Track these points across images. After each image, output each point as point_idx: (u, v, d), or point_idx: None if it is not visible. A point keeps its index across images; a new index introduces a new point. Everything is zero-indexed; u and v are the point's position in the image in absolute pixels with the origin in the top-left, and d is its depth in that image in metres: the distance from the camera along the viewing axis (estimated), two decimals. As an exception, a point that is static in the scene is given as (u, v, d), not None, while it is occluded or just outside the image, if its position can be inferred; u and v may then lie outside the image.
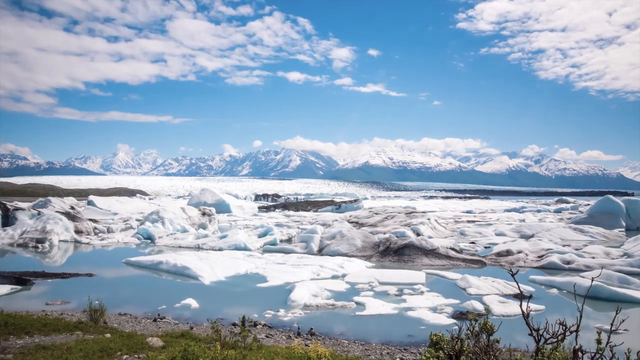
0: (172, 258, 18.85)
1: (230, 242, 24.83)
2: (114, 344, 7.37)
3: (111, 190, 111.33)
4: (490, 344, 3.58)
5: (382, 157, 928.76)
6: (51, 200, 35.10)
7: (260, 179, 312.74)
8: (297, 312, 12.27)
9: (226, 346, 6.82)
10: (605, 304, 13.36)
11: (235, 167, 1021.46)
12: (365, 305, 12.94)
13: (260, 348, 7.45)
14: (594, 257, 21.06)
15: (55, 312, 11.51)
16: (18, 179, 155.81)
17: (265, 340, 9.48)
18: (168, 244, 26.57)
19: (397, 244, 22.02)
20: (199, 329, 10.42)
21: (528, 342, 4.44)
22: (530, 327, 3.51)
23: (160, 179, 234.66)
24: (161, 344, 7.77)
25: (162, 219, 31.07)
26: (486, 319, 3.77)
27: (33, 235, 25.98)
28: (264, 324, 11.12)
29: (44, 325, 8.51)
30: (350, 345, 9.68)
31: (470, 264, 20.29)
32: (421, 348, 9.54)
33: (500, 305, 12.77)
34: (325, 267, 18.36)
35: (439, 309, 12.66)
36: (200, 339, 8.43)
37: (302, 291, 13.78)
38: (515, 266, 19.90)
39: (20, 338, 7.68)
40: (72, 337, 7.98)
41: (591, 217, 36.77)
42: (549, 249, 22.38)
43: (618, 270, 17.24)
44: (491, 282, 15.70)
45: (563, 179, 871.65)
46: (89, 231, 29.83)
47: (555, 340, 3.46)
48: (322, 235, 25.07)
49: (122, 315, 11.55)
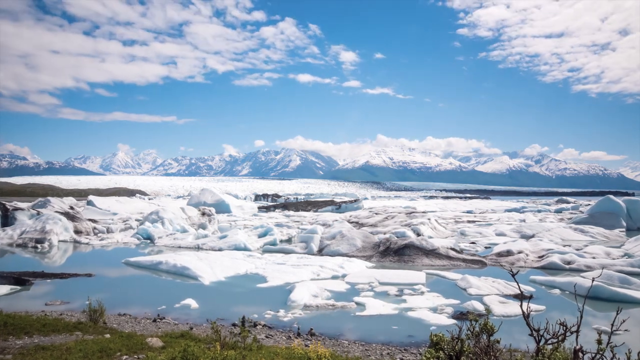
0: (172, 258, 18.83)
1: (230, 242, 24.81)
2: (113, 344, 7.35)
3: (111, 191, 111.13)
4: (491, 345, 3.57)
5: (382, 157, 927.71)
6: (50, 201, 35.09)
7: (260, 179, 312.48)
8: (297, 313, 12.25)
9: (226, 346, 6.80)
10: (606, 304, 13.35)
11: (235, 167, 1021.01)
12: (365, 305, 12.92)
13: (260, 348, 7.42)
14: (594, 257, 21.03)
15: (55, 312, 11.51)
16: (17, 179, 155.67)
17: (265, 341, 9.46)
18: (168, 244, 26.56)
19: (398, 244, 22.00)
20: (198, 329, 10.40)
21: (528, 342, 4.43)
22: (531, 328, 3.50)
23: (159, 179, 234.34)
24: (161, 345, 7.75)
25: (161, 219, 31.04)
26: (486, 319, 3.76)
27: (32, 236, 25.97)
28: (264, 325, 11.11)
29: (44, 325, 8.49)
30: (350, 346, 9.67)
31: (470, 264, 20.26)
32: (421, 348, 9.53)
33: (500, 306, 12.76)
34: (325, 267, 18.34)
35: (440, 309, 12.65)
36: (200, 339, 8.41)
37: (302, 291, 13.76)
38: (516, 266, 19.87)
39: (20, 338, 7.66)
40: (72, 337, 7.96)
41: (592, 217, 36.74)
42: (550, 249, 22.34)
43: (619, 271, 17.21)
44: (491, 282, 15.67)
45: (564, 179, 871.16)
46: (88, 231, 29.80)
47: (556, 340, 3.45)
48: (322, 236, 25.05)
49: (122, 316, 11.54)
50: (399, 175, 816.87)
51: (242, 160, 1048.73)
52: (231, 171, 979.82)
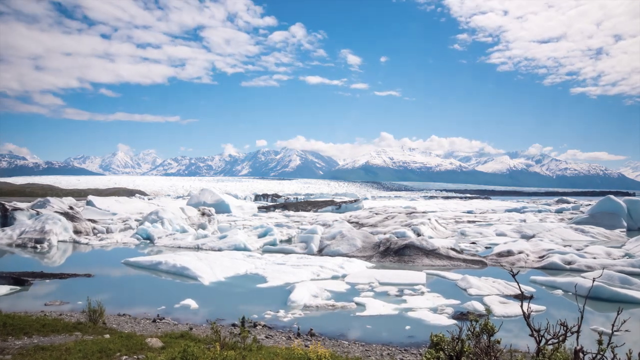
0: (172, 258, 18.80)
1: (230, 243, 24.77)
2: (113, 344, 7.34)
3: (110, 191, 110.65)
4: (491, 345, 3.57)
5: (382, 157, 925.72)
6: (50, 201, 35.01)
7: (260, 179, 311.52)
8: (297, 313, 12.23)
9: (226, 347, 6.79)
10: (607, 304, 13.32)
11: (235, 167, 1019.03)
12: (365, 305, 12.90)
13: (260, 349, 7.41)
14: (595, 257, 21.00)
15: (54, 312, 11.49)
16: (17, 179, 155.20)
17: (265, 341, 9.44)
18: (167, 245, 26.52)
19: (398, 244, 21.97)
20: (198, 329, 10.39)
21: (529, 342, 4.42)
22: (531, 328, 3.49)
23: (159, 179, 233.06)
24: (160, 345, 7.74)
25: (161, 219, 31.00)
26: (487, 319, 3.76)
27: (32, 236, 25.91)
28: (264, 325, 11.09)
29: (43, 325, 8.48)
30: (350, 346, 9.65)
31: (470, 265, 20.24)
32: (422, 349, 9.51)
33: (501, 306, 12.73)
34: (325, 267, 18.31)
35: (440, 309, 12.62)
36: (200, 339, 8.39)
37: (302, 292, 13.74)
38: (516, 266, 19.84)
39: (19, 339, 7.65)
40: (71, 337, 7.95)
41: (592, 218, 36.69)
42: (550, 249, 22.31)
43: (619, 271, 17.17)
44: (492, 282, 15.64)
45: (564, 179, 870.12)
46: (87, 231, 29.74)
47: (557, 341, 3.45)
48: (322, 236, 25.02)
49: (121, 316, 11.52)
50: (399, 175, 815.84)
51: (242, 160, 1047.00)
52: (231, 171, 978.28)
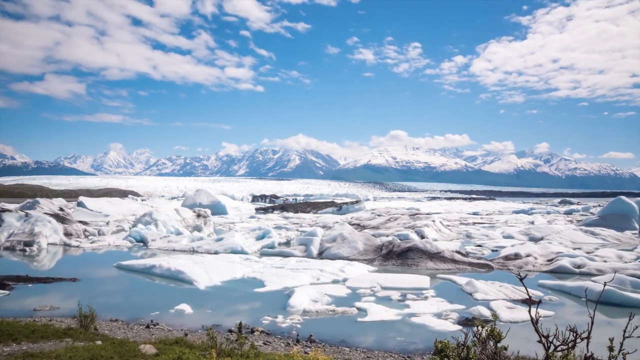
0: (166, 262, 18.40)
1: (227, 245, 24.40)
2: (105, 351, 7.17)
3: (102, 191, 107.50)
4: (498, 351, 3.43)
5: (385, 156, 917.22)
6: (39, 202, 34.00)
7: (257, 179, 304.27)
8: (296, 318, 11.97)
9: (222, 353, 6.63)
10: (618, 309, 12.95)
11: (232, 166, 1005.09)
12: (367, 311, 12.62)
13: (257, 355, 7.23)
14: (606, 260, 20.55)
15: (44, 318, 11.22)
16: (5, 179, 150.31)
17: (263, 348, 9.22)
18: (161, 247, 26.07)
19: (401, 247, 21.65)
20: (193, 335, 10.16)
21: (537, 349, 4.24)
22: (540, 334, 3.34)
23: (153, 179, 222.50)
24: (154, 352, 7.54)
25: (155, 221, 30.54)
26: (493, 325, 3.62)
27: (20, 238, 25.40)
28: (262, 331, 10.85)
29: (32, 332, 8.30)
30: (351, 353, 9.40)
31: (476, 268, 19.86)
32: (426, 356, 9.27)
33: (508, 311, 12.43)
34: (325, 271, 18.00)
35: (444, 314, 12.33)
36: (195, 346, 8.18)
37: (301, 296, 13.46)
38: (524, 270, 19.43)
39: (7, 345, 7.47)
40: (61, 344, 7.77)
41: (603, 219, 36.02)
42: (559, 252, 21.88)
43: (631, 275, 16.77)
44: (498, 286, 15.32)
45: (574, 180, 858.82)
46: (79, 234, 29.09)
47: (566, 347, 3.34)
48: (322, 238, 24.68)
49: (114, 322, 11.27)
50: (402, 175, 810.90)
51: (239, 160, 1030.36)
52: (227, 171, 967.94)
